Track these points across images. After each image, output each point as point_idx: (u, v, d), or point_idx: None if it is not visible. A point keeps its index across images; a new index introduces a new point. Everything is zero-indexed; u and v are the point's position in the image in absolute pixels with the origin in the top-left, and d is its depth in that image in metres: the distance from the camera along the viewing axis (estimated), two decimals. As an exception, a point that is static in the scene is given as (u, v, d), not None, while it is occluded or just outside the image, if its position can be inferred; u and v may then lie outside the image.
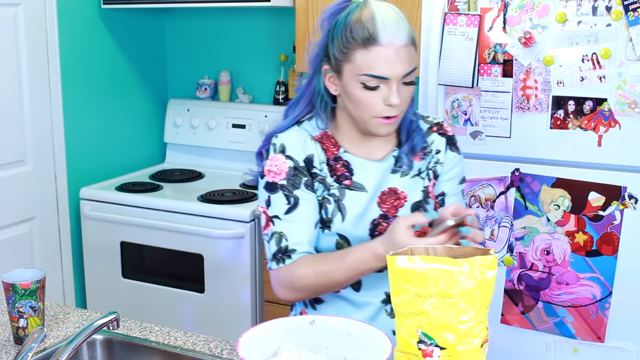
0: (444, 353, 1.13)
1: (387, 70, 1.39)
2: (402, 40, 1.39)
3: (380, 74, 1.39)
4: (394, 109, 1.43)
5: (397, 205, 1.53)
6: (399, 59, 1.39)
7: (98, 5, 3.08)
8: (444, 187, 1.58)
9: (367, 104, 1.42)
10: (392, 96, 1.40)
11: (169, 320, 2.84)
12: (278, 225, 1.50)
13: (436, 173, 1.58)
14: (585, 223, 2.10)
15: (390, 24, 1.39)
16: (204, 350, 1.51)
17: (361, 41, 1.39)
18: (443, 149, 1.58)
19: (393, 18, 1.40)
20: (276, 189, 1.50)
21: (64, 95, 2.95)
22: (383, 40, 1.38)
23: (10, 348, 1.53)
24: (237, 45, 3.36)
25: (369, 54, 1.39)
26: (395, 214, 1.52)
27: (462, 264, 1.11)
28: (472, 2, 2.15)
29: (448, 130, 1.61)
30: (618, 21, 1.98)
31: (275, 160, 1.51)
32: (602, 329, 2.13)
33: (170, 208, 2.83)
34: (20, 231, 2.84)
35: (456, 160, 1.60)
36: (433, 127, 1.60)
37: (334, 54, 1.44)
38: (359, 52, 1.39)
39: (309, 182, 1.51)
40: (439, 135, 1.59)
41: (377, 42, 1.38)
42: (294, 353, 1.23)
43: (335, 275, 1.45)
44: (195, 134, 3.38)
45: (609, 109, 2.03)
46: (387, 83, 1.40)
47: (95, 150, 3.16)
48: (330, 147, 1.53)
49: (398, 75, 1.40)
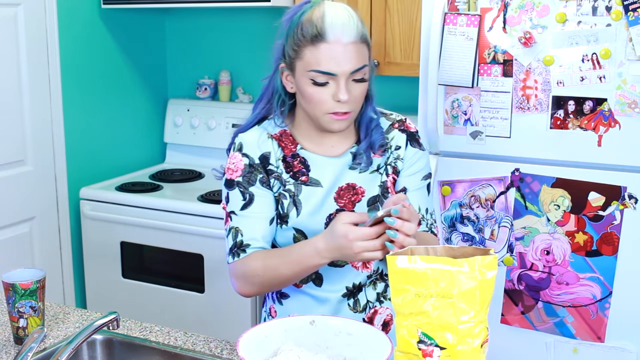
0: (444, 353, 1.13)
1: (334, 66, 1.43)
2: (349, 37, 1.43)
3: (327, 69, 1.43)
4: (344, 105, 1.46)
5: (355, 200, 1.55)
6: (346, 55, 1.42)
7: (98, 5, 3.08)
8: (405, 182, 1.59)
9: (317, 99, 1.46)
10: (340, 92, 1.44)
11: (169, 320, 2.84)
12: (235, 221, 1.54)
13: (396, 169, 1.59)
14: (585, 223, 2.10)
15: (338, 21, 1.42)
16: (204, 350, 1.51)
17: (310, 38, 1.43)
18: (403, 145, 1.59)
19: (342, 16, 1.43)
20: (233, 186, 1.55)
21: (64, 95, 2.95)
22: (330, 37, 1.42)
23: (10, 348, 1.53)
24: (237, 45, 3.36)
25: (316, 51, 1.43)
26: (352, 209, 1.54)
27: (462, 264, 1.11)
28: (472, 2, 2.15)
29: (410, 127, 1.62)
30: (618, 21, 1.98)
31: (233, 158, 1.57)
32: (602, 329, 2.13)
33: (170, 208, 2.83)
34: (20, 231, 2.84)
35: (418, 156, 1.60)
36: (395, 124, 1.61)
37: (288, 52, 1.49)
38: (308, 49, 1.44)
39: (265, 179, 1.55)
40: (400, 131, 1.60)
41: (324, 39, 1.42)
42: (294, 353, 1.23)
43: (282, 269, 1.48)
44: (195, 134, 3.38)
45: (609, 109, 2.03)
46: (335, 79, 1.44)
47: (95, 150, 3.16)
48: (289, 145, 1.57)
49: (345, 72, 1.43)
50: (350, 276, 1.57)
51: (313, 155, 1.56)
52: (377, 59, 2.72)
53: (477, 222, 2.24)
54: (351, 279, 1.57)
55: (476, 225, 2.24)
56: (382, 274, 1.61)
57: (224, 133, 3.31)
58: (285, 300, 1.61)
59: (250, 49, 3.33)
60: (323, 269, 1.56)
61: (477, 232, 2.24)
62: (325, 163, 1.56)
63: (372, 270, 1.59)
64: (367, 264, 1.58)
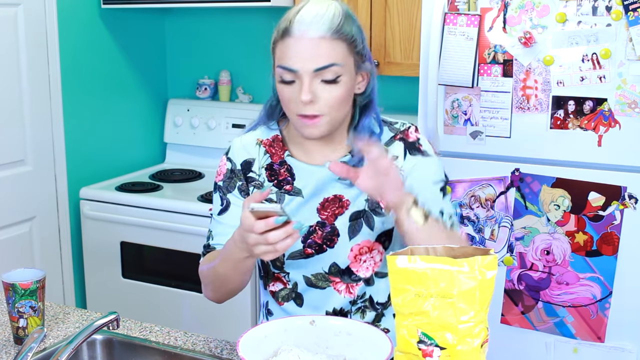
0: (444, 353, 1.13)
1: (296, 62, 1.34)
2: (317, 32, 1.33)
3: (289, 65, 1.35)
4: (309, 108, 1.36)
5: (337, 213, 1.47)
6: (311, 52, 1.33)
7: (98, 5, 3.08)
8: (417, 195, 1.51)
9: (283, 98, 1.40)
10: (301, 92, 1.34)
11: (169, 320, 2.84)
12: (212, 224, 1.54)
13: None
14: (585, 223, 2.10)
15: (307, 17, 1.34)
16: (204, 350, 1.51)
17: (280, 33, 1.37)
18: (401, 155, 1.48)
19: (314, 12, 1.35)
20: (216, 189, 1.54)
21: (64, 95, 2.95)
22: (295, 32, 1.34)
23: (10, 348, 1.53)
24: (237, 45, 3.36)
25: (283, 46, 1.36)
26: (333, 222, 1.46)
27: (462, 264, 1.11)
28: (472, 2, 2.15)
29: (410, 136, 1.50)
30: (618, 21, 1.98)
31: (220, 162, 1.55)
32: (602, 329, 2.13)
33: (170, 208, 2.83)
34: (20, 231, 2.84)
35: (421, 163, 1.48)
36: (397, 134, 1.50)
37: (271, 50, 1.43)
38: (278, 44, 1.38)
39: (244, 186, 1.51)
40: (399, 141, 1.49)
41: (290, 33, 1.35)
42: (294, 353, 1.23)
43: (219, 268, 1.42)
44: (195, 134, 3.38)
45: (609, 109, 2.03)
46: (299, 77, 1.35)
47: (95, 150, 3.16)
48: (278, 151, 1.51)
49: (308, 70, 1.34)
50: (331, 300, 1.49)
51: (299, 163, 1.49)
52: (377, 59, 2.72)
53: (477, 222, 2.24)
54: (332, 303, 1.49)
55: (476, 225, 2.24)
56: (372, 301, 1.51)
57: (224, 133, 3.31)
58: (271, 317, 1.57)
59: (250, 49, 3.33)
60: (303, 288, 1.50)
61: (477, 232, 2.24)
62: (310, 172, 1.48)
63: (355, 296, 1.49)
64: (350, 288, 1.49)
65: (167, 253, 2.86)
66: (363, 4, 2.71)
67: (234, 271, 1.40)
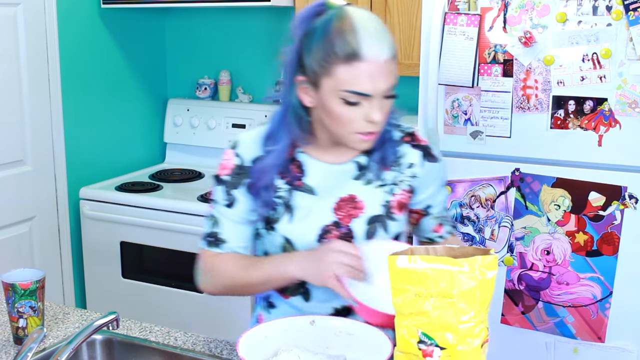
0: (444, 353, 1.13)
1: (369, 86, 1.32)
2: (385, 54, 1.32)
3: (363, 90, 1.32)
4: (375, 125, 1.37)
5: (353, 215, 1.46)
6: (382, 74, 1.32)
7: (98, 5, 3.07)
8: (430, 200, 1.54)
9: (346, 119, 1.35)
10: (373, 113, 1.34)
11: (169, 320, 2.84)
12: (216, 212, 1.52)
13: (412, 187, 1.51)
14: (586, 223, 2.10)
15: (373, 37, 1.31)
16: (204, 350, 1.51)
17: (343, 56, 1.30)
18: (418, 162, 1.50)
19: (375, 30, 1.32)
20: (219, 182, 1.51)
21: (63, 95, 2.95)
22: (367, 56, 1.30)
23: (10, 348, 1.53)
24: (237, 45, 3.36)
25: (351, 70, 1.31)
26: (349, 224, 1.46)
27: (462, 264, 1.11)
28: (472, 2, 2.14)
29: (421, 140, 1.52)
30: (618, 21, 1.98)
31: (226, 155, 1.52)
32: (602, 329, 2.13)
33: (170, 208, 2.83)
34: (20, 231, 2.84)
35: (436, 170, 1.53)
36: (406, 136, 1.51)
37: (311, 66, 1.35)
38: (341, 67, 1.31)
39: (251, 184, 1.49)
40: (412, 147, 1.51)
41: (360, 58, 1.30)
42: (294, 353, 1.23)
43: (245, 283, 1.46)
44: (195, 134, 3.38)
45: (610, 109, 2.03)
46: (369, 99, 1.33)
47: (95, 150, 3.16)
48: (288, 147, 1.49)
49: (381, 92, 1.33)
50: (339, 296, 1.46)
51: (311, 159, 1.48)
52: (377, 58, 2.72)
53: (477, 222, 2.24)
54: (340, 300, 1.46)
55: (476, 225, 2.24)
56: None
57: (223, 133, 3.31)
58: (273, 309, 1.56)
59: (250, 49, 3.33)
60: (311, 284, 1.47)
61: (477, 232, 2.24)
62: (322, 169, 1.47)
63: None
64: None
65: (167, 253, 2.86)
66: (363, 4, 2.71)
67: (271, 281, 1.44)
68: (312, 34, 1.35)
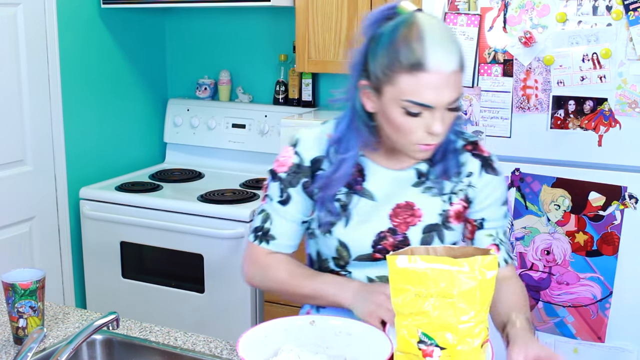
0: (444, 353, 1.13)
1: (433, 98, 1.28)
2: (451, 66, 1.27)
3: (425, 102, 1.28)
4: (436, 137, 1.33)
5: (410, 222, 1.44)
6: (446, 86, 1.28)
7: (98, 5, 3.07)
8: (484, 214, 1.49)
9: (406, 129, 1.32)
10: (434, 125, 1.30)
11: (169, 320, 2.84)
12: (269, 208, 1.51)
13: (468, 197, 1.48)
14: (586, 223, 2.10)
15: (440, 48, 1.27)
16: (204, 350, 1.51)
17: (407, 65, 1.27)
18: (477, 172, 1.48)
19: (443, 40, 1.28)
20: (276, 179, 1.50)
21: (63, 95, 2.95)
22: (431, 67, 1.26)
23: (10, 348, 1.53)
24: (237, 45, 3.36)
25: (414, 80, 1.27)
26: (405, 231, 1.44)
27: (462, 264, 1.11)
28: (472, 2, 2.14)
29: (484, 151, 1.50)
30: (618, 21, 1.98)
31: (285, 152, 1.50)
32: (602, 329, 2.13)
33: (170, 208, 2.83)
34: (20, 231, 2.84)
35: (495, 183, 1.49)
36: (467, 145, 1.49)
37: (375, 72, 1.32)
38: (404, 77, 1.28)
39: (308, 183, 1.47)
40: (473, 156, 1.48)
41: (425, 68, 1.26)
42: (294, 353, 1.23)
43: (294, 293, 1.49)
44: (195, 134, 3.37)
45: (610, 109, 2.03)
46: (431, 110, 1.30)
47: (95, 150, 3.16)
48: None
49: (444, 104, 1.29)
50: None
51: (372, 164, 1.45)
52: (377, 58, 2.72)
53: (477, 222, 2.24)
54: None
55: (476, 225, 2.24)
56: None
57: (223, 133, 3.31)
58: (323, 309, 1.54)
59: (250, 49, 3.33)
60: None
61: (477, 232, 2.24)
62: (382, 174, 1.45)
63: None
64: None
65: (167, 253, 2.86)
66: (363, 4, 2.71)
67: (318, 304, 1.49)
68: (378, 39, 1.32)
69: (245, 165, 3.28)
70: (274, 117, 3.17)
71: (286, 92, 3.22)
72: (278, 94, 3.24)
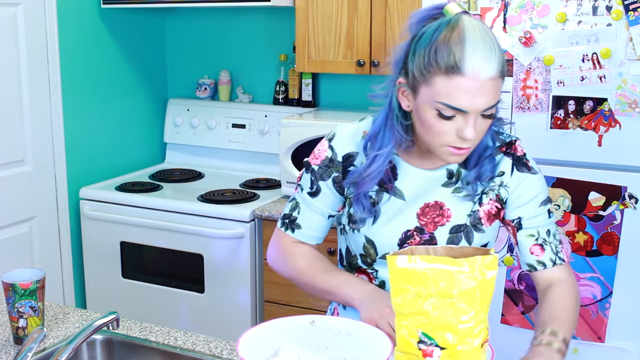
0: (444, 353, 1.13)
1: (466, 103, 1.26)
2: (489, 73, 1.25)
3: (459, 106, 1.27)
4: (467, 142, 1.31)
5: (438, 222, 1.44)
6: (482, 92, 1.26)
7: (98, 5, 3.07)
8: (520, 212, 1.46)
9: (438, 131, 1.31)
10: (466, 129, 1.29)
11: (169, 320, 2.84)
12: (299, 197, 1.53)
13: (500, 197, 1.46)
14: (586, 223, 2.10)
15: (479, 54, 1.25)
16: (204, 350, 1.51)
17: (444, 67, 1.25)
18: (508, 171, 1.46)
19: (484, 46, 1.26)
20: (308, 170, 1.52)
21: (63, 95, 2.95)
22: (468, 72, 1.24)
23: (10, 348, 1.53)
24: (237, 45, 3.36)
25: (449, 83, 1.25)
26: (433, 231, 1.44)
27: (462, 264, 1.11)
28: (472, 2, 2.14)
29: (517, 150, 1.48)
30: (618, 21, 1.98)
31: (321, 145, 1.51)
32: (602, 329, 2.13)
33: (170, 208, 2.83)
34: (20, 231, 2.84)
35: (528, 182, 1.46)
36: (503, 146, 1.47)
37: (413, 70, 1.31)
38: (440, 78, 1.26)
39: (339, 179, 1.48)
40: (505, 154, 1.47)
41: (461, 72, 1.24)
42: (294, 353, 1.23)
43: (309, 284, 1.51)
44: (195, 134, 3.38)
45: (609, 109, 2.03)
46: (464, 115, 1.28)
47: (95, 150, 3.16)
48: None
49: (478, 109, 1.28)
50: None
51: (404, 163, 1.45)
52: (377, 58, 2.72)
53: (477, 222, 2.24)
54: None
55: (476, 225, 2.24)
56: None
57: (223, 133, 3.31)
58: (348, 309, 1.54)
59: (250, 49, 3.33)
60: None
61: (477, 232, 2.24)
62: (415, 174, 1.44)
63: None
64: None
65: (167, 253, 2.86)
66: (363, 4, 2.71)
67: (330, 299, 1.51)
68: (420, 38, 1.31)
69: (245, 165, 3.28)
70: (274, 117, 3.17)
71: (286, 92, 3.22)
72: (278, 94, 3.24)
